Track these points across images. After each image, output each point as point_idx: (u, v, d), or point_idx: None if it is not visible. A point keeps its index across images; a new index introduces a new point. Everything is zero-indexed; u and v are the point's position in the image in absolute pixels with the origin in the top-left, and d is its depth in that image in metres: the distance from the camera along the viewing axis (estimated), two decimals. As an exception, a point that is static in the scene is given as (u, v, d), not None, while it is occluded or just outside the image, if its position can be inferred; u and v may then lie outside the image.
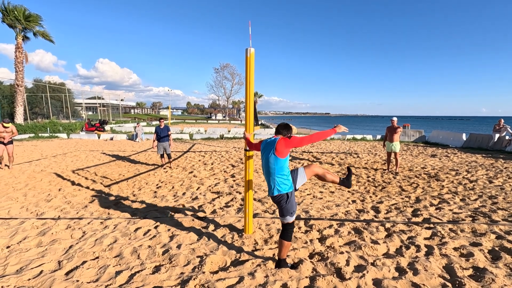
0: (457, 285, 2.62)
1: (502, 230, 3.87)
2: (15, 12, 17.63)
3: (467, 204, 5.15)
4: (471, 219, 4.35)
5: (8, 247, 3.37)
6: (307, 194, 5.77)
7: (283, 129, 2.87)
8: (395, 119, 8.17)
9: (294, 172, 2.92)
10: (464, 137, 14.95)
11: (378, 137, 18.94)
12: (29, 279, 2.70)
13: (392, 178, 7.35)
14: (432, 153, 12.02)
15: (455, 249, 3.35)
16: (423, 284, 2.61)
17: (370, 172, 8.11)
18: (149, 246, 3.37)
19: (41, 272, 2.83)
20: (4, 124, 7.65)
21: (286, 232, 2.80)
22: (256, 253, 3.22)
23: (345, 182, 3.17)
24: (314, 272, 2.82)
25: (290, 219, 2.79)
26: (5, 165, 7.83)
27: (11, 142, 7.91)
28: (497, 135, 13.08)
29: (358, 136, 19.04)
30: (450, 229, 3.94)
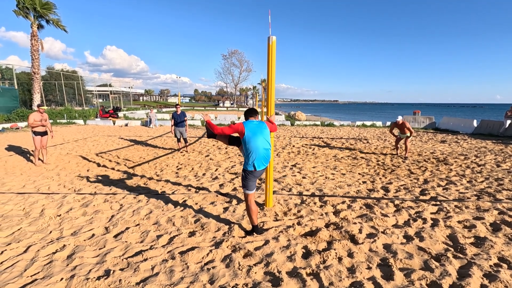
0: (459, 250, 2.96)
1: (505, 207, 4.15)
2: (31, 0, 17.97)
3: (473, 185, 5.41)
4: (476, 197, 4.64)
5: (59, 215, 3.84)
6: (320, 176, 6.11)
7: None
8: (400, 120, 8.27)
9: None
10: (475, 123, 14.93)
11: (388, 123, 18.98)
12: (84, 240, 3.16)
13: (401, 162, 7.61)
14: (442, 139, 12.14)
15: (459, 222, 3.67)
16: (428, 248, 2.96)
17: (379, 156, 8.36)
18: (182, 216, 3.80)
19: (93, 235, 3.28)
20: (41, 109, 7.02)
21: None
22: (277, 222, 3.61)
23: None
24: (331, 238, 3.19)
25: None
26: (39, 159, 7.23)
27: (46, 133, 7.21)
28: (508, 121, 13.05)
29: (368, 123, 19.12)
30: (455, 205, 4.24)
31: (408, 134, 8.17)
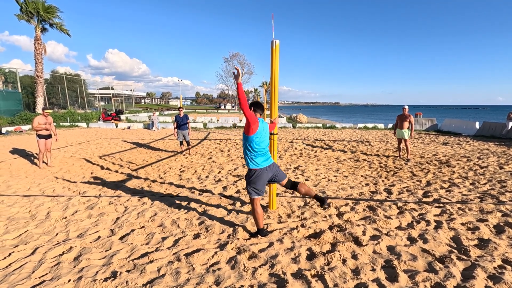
0: (462, 252, 2.97)
1: (508, 209, 4.15)
2: (34, 4, 18.16)
3: (476, 187, 5.41)
4: (479, 200, 4.64)
5: (64, 217, 3.88)
6: (322, 178, 6.12)
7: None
8: (406, 107, 8.38)
9: None
10: (477, 125, 14.91)
11: (390, 125, 18.98)
12: (90, 242, 3.19)
13: (403, 164, 7.61)
14: (444, 141, 12.13)
15: (463, 224, 3.67)
16: (432, 250, 2.97)
17: (382, 159, 8.37)
18: (186, 219, 3.82)
19: (99, 237, 3.32)
20: (45, 113, 7.13)
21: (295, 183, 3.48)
22: (281, 225, 3.63)
23: None
24: (335, 240, 3.21)
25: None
26: (43, 162, 7.23)
27: (50, 136, 7.27)
28: (510, 123, 13.03)
29: (370, 125, 19.13)
30: (458, 208, 4.24)
31: (407, 134, 8.17)
